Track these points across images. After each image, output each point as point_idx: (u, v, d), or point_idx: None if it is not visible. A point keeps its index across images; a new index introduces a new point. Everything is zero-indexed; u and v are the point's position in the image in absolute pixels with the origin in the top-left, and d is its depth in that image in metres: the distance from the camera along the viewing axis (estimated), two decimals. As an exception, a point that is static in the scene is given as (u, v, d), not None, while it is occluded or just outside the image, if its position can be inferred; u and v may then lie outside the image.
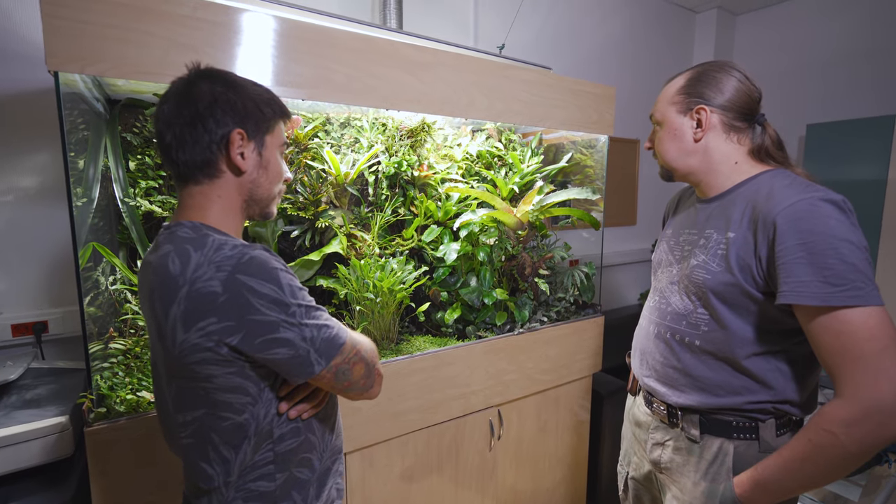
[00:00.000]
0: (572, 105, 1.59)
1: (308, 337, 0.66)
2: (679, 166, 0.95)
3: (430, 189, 1.58)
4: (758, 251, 0.80)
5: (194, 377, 0.65)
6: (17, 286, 1.29)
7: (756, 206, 0.83)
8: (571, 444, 1.76)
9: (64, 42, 0.84)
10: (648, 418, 1.00)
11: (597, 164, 1.84)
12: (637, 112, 2.66)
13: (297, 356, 0.66)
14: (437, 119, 1.58)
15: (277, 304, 0.64)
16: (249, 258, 0.64)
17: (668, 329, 0.95)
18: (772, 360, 0.83)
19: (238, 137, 0.69)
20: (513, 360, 1.50)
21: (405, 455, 1.34)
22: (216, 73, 0.71)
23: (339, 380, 0.71)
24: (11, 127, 1.25)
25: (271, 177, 0.75)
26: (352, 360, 0.71)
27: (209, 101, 0.68)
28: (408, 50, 1.23)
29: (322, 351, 0.68)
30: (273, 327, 0.64)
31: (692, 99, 0.91)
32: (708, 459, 0.88)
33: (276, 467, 0.71)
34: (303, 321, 0.66)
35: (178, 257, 0.64)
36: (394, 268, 1.35)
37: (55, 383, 1.15)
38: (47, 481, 1.00)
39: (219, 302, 0.62)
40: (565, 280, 1.73)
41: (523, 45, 2.13)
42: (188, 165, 0.69)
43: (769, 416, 0.85)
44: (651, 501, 1.06)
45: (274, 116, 0.74)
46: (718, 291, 0.85)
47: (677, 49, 2.89)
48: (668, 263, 1.00)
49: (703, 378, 0.88)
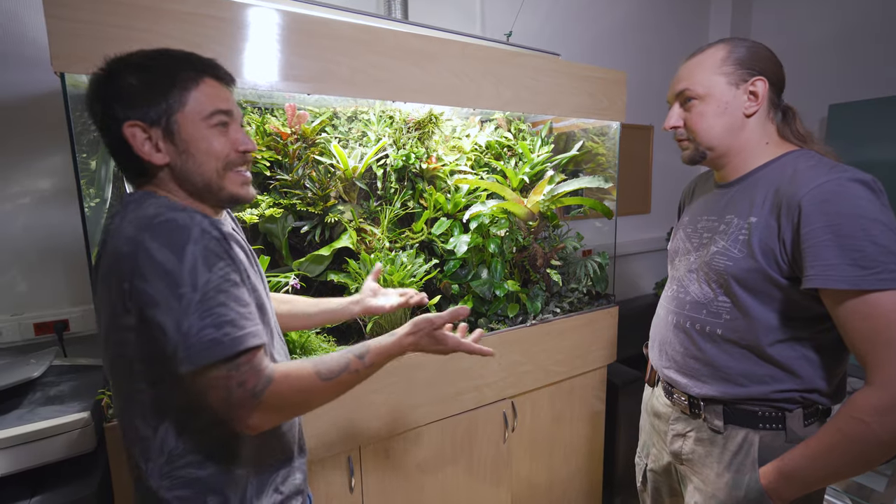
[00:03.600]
0: (582, 91, 1.55)
1: (185, 330, 0.55)
2: (720, 144, 0.87)
3: (439, 181, 1.57)
4: (781, 235, 0.77)
5: (116, 341, 0.61)
6: (38, 286, 1.32)
7: (779, 188, 0.79)
8: (587, 435, 1.75)
9: (68, 43, 0.85)
10: (668, 409, 0.98)
11: (609, 151, 1.81)
12: (649, 98, 2.59)
13: (165, 346, 0.56)
14: (444, 110, 1.56)
15: (167, 279, 0.55)
16: (165, 220, 0.56)
17: (688, 318, 0.92)
18: (798, 347, 0.81)
19: (136, 131, 0.61)
20: (526, 352, 1.49)
21: (420, 447, 1.34)
22: (111, 62, 0.62)
23: (193, 389, 0.59)
24: (25, 130, 1.27)
25: (201, 155, 0.64)
26: (213, 382, 0.57)
27: (101, 100, 0.60)
28: (413, 40, 1.22)
29: (190, 353, 0.55)
30: (151, 302, 0.55)
31: (745, 70, 0.84)
32: (732, 450, 0.86)
33: (206, 457, 0.65)
34: (186, 308, 0.55)
35: (116, 215, 0.61)
36: (404, 261, 1.35)
37: (77, 380, 1.18)
38: (71, 475, 1.02)
39: (121, 260, 0.57)
40: (578, 270, 1.70)
41: (531, 32, 2.09)
42: (124, 172, 0.67)
43: (797, 406, 0.82)
44: (670, 494, 1.04)
45: (178, 86, 0.62)
46: (741, 278, 0.82)
47: (690, 31, 2.80)
48: (686, 251, 0.97)
49: (725, 368, 0.86)
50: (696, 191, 1.05)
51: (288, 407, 0.62)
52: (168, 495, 0.64)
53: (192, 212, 0.59)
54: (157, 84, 0.61)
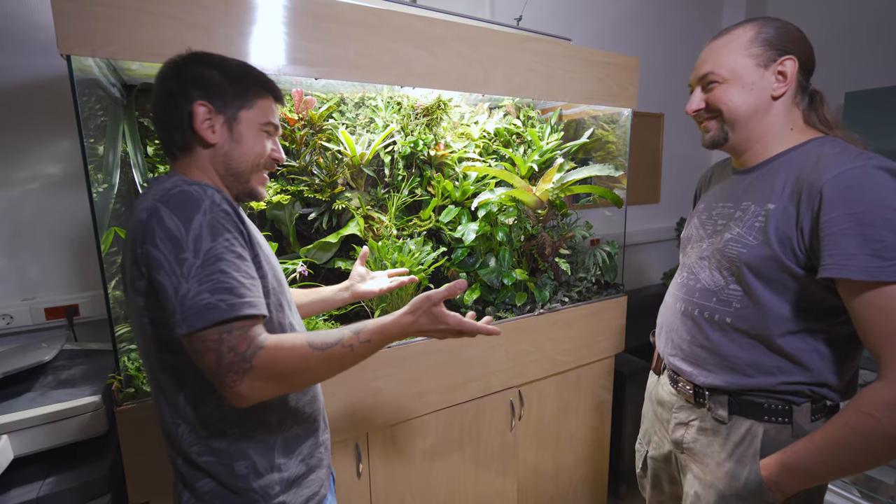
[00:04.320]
0: (593, 77, 1.52)
1: (182, 293, 0.58)
2: (745, 127, 0.84)
3: (447, 168, 1.56)
4: (800, 223, 0.75)
5: (139, 311, 0.66)
6: (48, 271, 1.33)
7: (801, 175, 0.77)
8: (593, 424, 1.75)
9: (74, 25, 0.84)
10: (673, 398, 0.97)
11: (619, 139, 1.78)
12: (660, 85, 2.55)
13: (165, 309, 0.60)
14: (452, 96, 1.54)
15: (172, 243, 0.60)
16: (180, 191, 0.62)
17: (697, 306, 0.90)
18: (809, 339, 0.79)
19: (203, 110, 0.71)
20: (533, 341, 1.48)
21: (426, 435, 1.35)
22: (197, 55, 0.74)
23: (191, 354, 0.61)
24: (32, 115, 1.27)
25: (245, 150, 0.74)
26: (207, 344, 0.59)
27: (178, 82, 0.71)
28: (421, 23, 1.20)
29: (186, 317, 0.58)
30: (157, 265, 0.60)
31: (773, 50, 0.81)
32: (734, 441, 0.85)
33: (230, 424, 0.70)
34: (187, 273, 0.59)
35: (144, 193, 0.68)
36: (411, 249, 1.34)
37: (88, 364, 1.19)
38: (84, 457, 1.04)
39: (136, 228, 0.63)
40: (587, 260, 1.69)
41: (542, 16, 2.05)
42: (165, 142, 0.73)
43: (805, 400, 0.81)
44: (669, 481, 1.04)
45: (253, 92, 0.75)
46: (754, 266, 0.80)
47: (703, 18, 2.74)
48: (699, 238, 0.95)
49: (733, 357, 0.84)
50: (713, 178, 1.03)
51: (278, 377, 0.62)
52: (199, 460, 0.69)
53: (206, 186, 0.64)
54: (236, 85, 0.73)
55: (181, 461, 0.71)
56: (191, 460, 0.70)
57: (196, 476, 0.70)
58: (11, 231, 1.28)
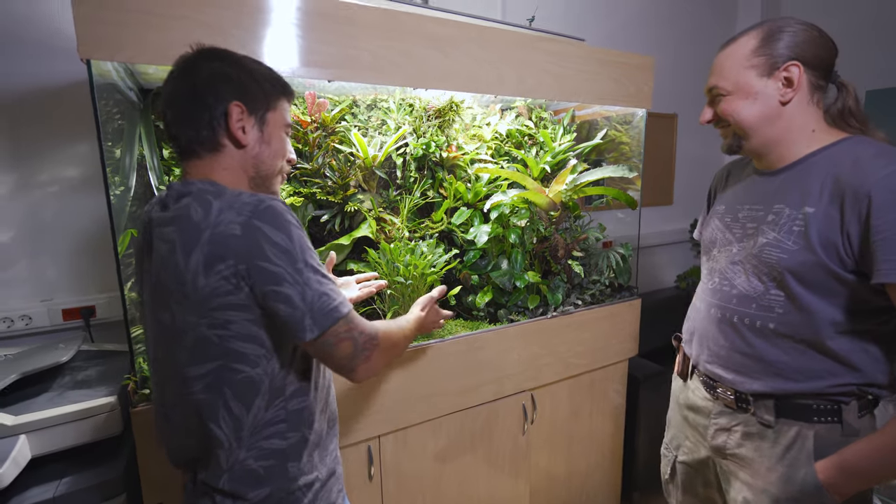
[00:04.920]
0: (607, 77, 1.51)
1: (308, 299, 0.65)
2: (758, 135, 0.84)
3: (460, 170, 1.55)
4: (845, 227, 0.73)
5: (213, 324, 0.65)
6: (66, 273, 1.35)
7: (839, 177, 0.75)
8: (607, 428, 1.72)
9: (94, 30, 0.85)
10: (709, 403, 0.95)
11: (633, 140, 1.76)
12: (673, 85, 2.52)
13: (292, 316, 0.65)
14: (465, 98, 1.53)
15: (286, 256, 0.64)
16: (266, 206, 0.64)
17: (735, 312, 0.89)
18: (857, 340, 0.78)
19: (237, 110, 0.70)
20: (546, 345, 1.47)
21: (438, 437, 1.34)
22: (215, 50, 0.72)
23: (322, 350, 0.69)
24: (52, 119, 1.29)
25: (273, 152, 0.76)
26: (341, 335, 0.68)
27: (207, 77, 0.69)
28: (433, 25, 1.19)
29: (317, 319, 0.65)
30: (278, 279, 0.63)
31: (776, 57, 0.80)
32: (784, 444, 0.83)
33: (288, 426, 0.72)
34: (307, 281, 0.65)
35: (199, 206, 0.65)
36: (424, 251, 1.34)
37: (104, 365, 1.21)
38: (100, 457, 1.05)
39: (236, 245, 0.63)
40: (600, 262, 1.67)
41: (554, 16, 2.04)
42: (190, 140, 0.70)
43: (852, 398, 0.80)
44: (704, 485, 1.02)
45: (276, 94, 0.75)
46: (797, 272, 0.78)
47: (719, 17, 2.70)
48: (726, 242, 0.93)
49: (779, 363, 0.83)
50: (730, 178, 1.01)
51: (389, 349, 0.77)
52: (254, 465, 0.70)
53: (275, 198, 0.67)
54: (267, 86, 0.74)
55: (227, 477, 0.70)
56: (245, 470, 0.70)
57: (248, 486, 0.70)
58: (31, 233, 1.30)
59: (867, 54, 2.41)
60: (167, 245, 0.66)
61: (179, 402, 0.71)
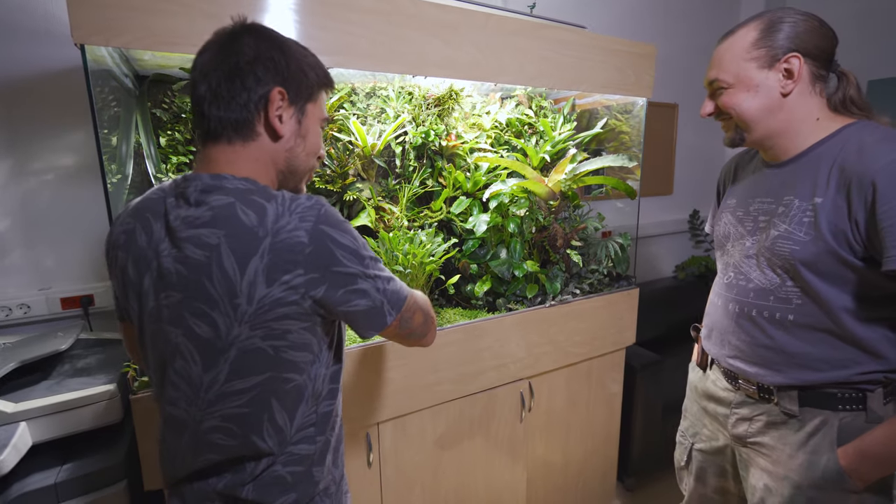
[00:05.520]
0: (608, 66, 1.49)
1: (381, 288, 0.68)
2: (760, 127, 0.85)
3: (459, 159, 1.54)
4: (853, 215, 0.74)
5: (269, 335, 0.61)
6: (64, 262, 1.35)
7: (845, 165, 0.75)
8: (603, 416, 1.74)
9: (88, 14, 0.83)
10: (730, 394, 0.95)
11: (633, 129, 1.75)
12: (674, 75, 2.49)
13: (373, 307, 0.67)
14: (465, 86, 1.52)
15: (355, 256, 0.65)
16: (326, 209, 0.64)
17: (754, 306, 0.89)
18: (879, 328, 0.78)
19: (278, 97, 0.65)
20: (544, 333, 1.48)
21: (437, 425, 1.35)
22: (262, 28, 0.66)
23: (402, 328, 0.73)
24: (46, 106, 1.27)
25: (309, 148, 0.71)
26: (413, 308, 0.73)
27: (252, 57, 0.63)
28: (433, 10, 1.18)
29: (392, 302, 0.69)
30: (353, 279, 0.65)
31: (776, 49, 0.80)
32: (808, 432, 0.84)
33: (317, 430, 0.71)
34: (375, 273, 0.67)
35: (248, 208, 0.60)
36: (423, 240, 1.34)
37: (103, 353, 1.21)
38: (100, 445, 1.05)
39: (305, 253, 0.60)
40: (598, 251, 1.67)
41: (554, 3, 2.01)
42: (221, 122, 0.64)
43: (878, 386, 0.80)
44: (718, 474, 1.03)
45: (318, 83, 0.70)
46: (810, 262, 0.79)
47: (720, 6, 2.67)
48: (739, 236, 0.93)
49: (802, 354, 0.83)
50: (738, 171, 1.01)
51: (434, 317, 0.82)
52: (283, 471, 0.68)
53: (324, 199, 0.66)
54: (312, 76, 0.69)
55: (252, 486, 0.67)
56: (273, 477, 0.67)
57: (275, 494, 0.68)
58: (28, 222, 1.29)
59: (870, 44, 2.39)
60: (206, 250, 0.60)
61: (207, 416, 0.65)
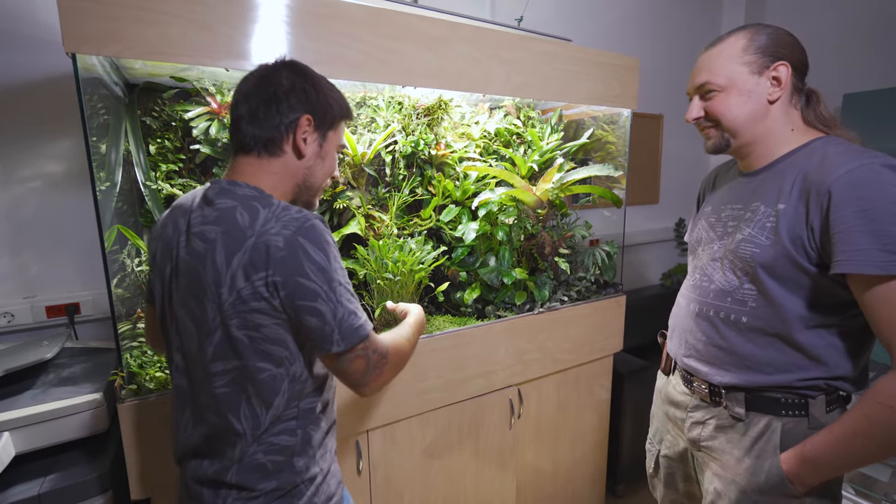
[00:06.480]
0: (594, 77, 1.53)
1: (339, 317, 0.69)
2: (746, 133, 0.87)
3: (448, 168, 1.56)
4: (810, 221, 0.77)
5: (244, 325, 0.68)
6: (49, 270, 1.33)
7: (807, 174, 0.79)
8: (592, 423, 1.76)
9: (80, 23, 0.84)
10: (687, 398, 0.98)
11: (619, 140, 1.79)
12: (660, 86, 2.56)
13: (321, 330, 0.69)
14: (454, 96, 1.54)
15: (324, 274, 0.68)
16: (311, 224, 0.69)
17: (712, 307, 0.91)
18: (825, 334, 0.80)
19: (306, 122, 0.76)
20: (532, 340, 1.49)
21: (426, 432, 1.35)
22: (298, 64, 0.79)
23: (335, 364, 0.73)
24: (35, 114, 1.27)
25: (326, 168, 0.82)
26: (359, 353, 0.72)
27: (288, 87, 0.74)
28: (422, 23, 1.20)
29: (344, 336, 0.70)
30: (313, 295, 0.67)
31: (766, 56, 0.83)
32: (753, 436, 0.86)
33: (298, 423, 0.75)
34: (340, 300, 0.69)
35: (245, 211, 0.69)
36: (412, 248, 1.35)
37: (89, 362, 1.20)
38: (86, 454, 1.04)
39: (278, 257, 0.66)
40: (586, 259, 1.70)
41: (542, 17, 2.06)
42: (255, 138, 0.74)
43: (820, 393, 0.82)
44: (684, 479, 1.05)
45: (340, 115, 0.81)
46: (768, 265, 0.81)
47: (703, 20, 2.75)
48: (710, 241, 0.96)
49: (750, 356, 0.86)
50: (717, 181, 1.04)
51: (398, 364, 0.80)
52: (263, 459, 0.73)
53: (319, 217, 0.72)
54: (336, 108, 0.80)
55: (236, 469, 0.72)
56: (255, 463, 0.72)
57: (257, 479, 0.72)
58: (13, 229, 1.28)
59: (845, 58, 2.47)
60: (206, 244, 0.69)
61: (201, 391, 0.74)
